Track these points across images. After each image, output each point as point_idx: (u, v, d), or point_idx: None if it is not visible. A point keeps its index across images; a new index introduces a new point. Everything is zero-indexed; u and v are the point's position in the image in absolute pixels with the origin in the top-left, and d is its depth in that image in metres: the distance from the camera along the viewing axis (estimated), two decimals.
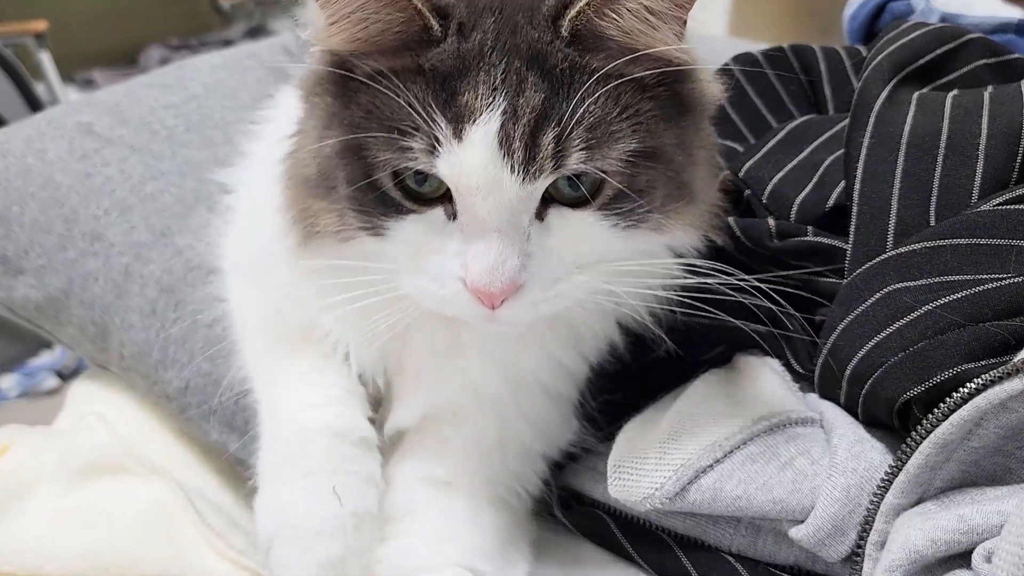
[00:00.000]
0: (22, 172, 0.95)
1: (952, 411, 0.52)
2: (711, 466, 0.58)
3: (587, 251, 0.55)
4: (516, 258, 0.51)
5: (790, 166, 0.70)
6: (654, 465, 0.59)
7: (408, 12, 0.51)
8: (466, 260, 0.52)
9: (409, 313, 0.59)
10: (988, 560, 0.48)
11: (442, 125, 0.50)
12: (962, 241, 0.59)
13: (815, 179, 0.68)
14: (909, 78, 0.72)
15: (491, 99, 0.49)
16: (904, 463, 0.54)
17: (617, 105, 0.51)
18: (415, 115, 0.50)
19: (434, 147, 0.50)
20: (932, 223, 0.62)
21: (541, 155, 0.50)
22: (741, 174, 0.71)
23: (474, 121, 0.49)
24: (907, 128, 0.66)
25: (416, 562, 0.63)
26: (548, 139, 0.50)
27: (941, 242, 0.59)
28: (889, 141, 0.65)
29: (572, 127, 0.50)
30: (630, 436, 0.63)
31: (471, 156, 0.50)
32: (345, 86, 0.54)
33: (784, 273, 0.68)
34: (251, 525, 0.80)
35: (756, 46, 0.87)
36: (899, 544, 0.52)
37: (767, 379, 0.65)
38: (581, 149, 0.50)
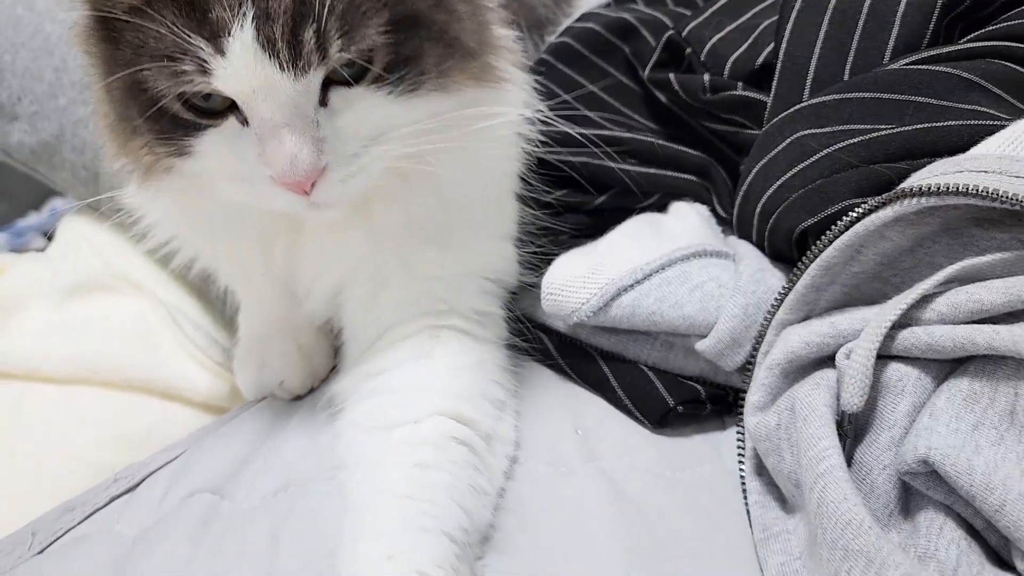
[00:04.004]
0: (12, 22, 0.99)
1: (836, 237, 0.59)
2: (631, 286, 0.66)
3: (376, 123, 0.58)
4: (311, 145, 0.55)
5: (729, 28, 0.76)
6: (582, 284, 0.67)
7: None
8: (266, 159, 0.56)
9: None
10: (847, 357, 0.56)
11: (202, 44, 0.52)
12: (867, 95, 0.65)
13: (750, 40, 0.74)
14: None
15: (238, 8, 0.51)
16: (794, 284, 0.62)
17: None
18: (178, 40, 0.52)
19: (204, 66, 0.52)
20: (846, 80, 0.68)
21: (306, 50, 0.52)
22: (684, 34, 0.77)
23: (228, 33, 0.51)
24: None
25: (395, 417, 0.64)
26: (309, 34, 0.52)
27: (848, 95, 0.65)
28: (817, 7, 0.71)
29: (326, 18, 0.52)
30: (564, 262, 0.71)
31: (238, 66, 0.52)
32: (112, 28, 0.55)
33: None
34: (228, 343, 0.89)
35: None
36: (779, 347, 0.60)
37: (692, 219, 0.73)
38: (339, 37, 0.53)
